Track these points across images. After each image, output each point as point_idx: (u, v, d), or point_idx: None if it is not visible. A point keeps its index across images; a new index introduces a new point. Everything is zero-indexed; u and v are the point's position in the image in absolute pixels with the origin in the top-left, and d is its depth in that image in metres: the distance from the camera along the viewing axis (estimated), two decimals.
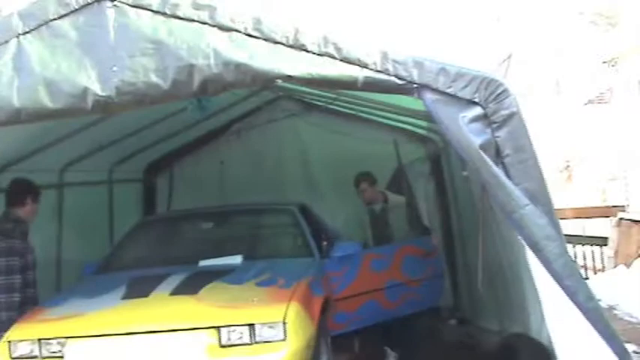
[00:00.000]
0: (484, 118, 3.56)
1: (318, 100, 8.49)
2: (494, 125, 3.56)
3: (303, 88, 7.44)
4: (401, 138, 9.02)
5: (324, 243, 6.67)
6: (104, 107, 3.92)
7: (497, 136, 3.56)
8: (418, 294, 7.19)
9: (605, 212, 12.80)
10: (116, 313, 4.99)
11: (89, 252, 7.20)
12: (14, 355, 4.85)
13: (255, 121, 9.29)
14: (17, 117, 3.89)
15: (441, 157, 8.65)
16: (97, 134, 6.74)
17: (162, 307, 5.03)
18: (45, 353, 4.82)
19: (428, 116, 6.63)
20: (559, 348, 4.02)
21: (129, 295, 5.26)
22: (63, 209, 7.11)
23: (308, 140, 9.30)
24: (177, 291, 5.22)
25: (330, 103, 8.25)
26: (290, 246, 6.51)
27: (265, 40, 3.87)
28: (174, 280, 5.41)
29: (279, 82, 3.97)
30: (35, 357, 4.83)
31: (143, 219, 7.97)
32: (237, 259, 6.00)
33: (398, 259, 7.20)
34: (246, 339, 4.74)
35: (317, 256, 6.28)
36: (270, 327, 4.75)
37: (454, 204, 8.17)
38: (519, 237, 3.83)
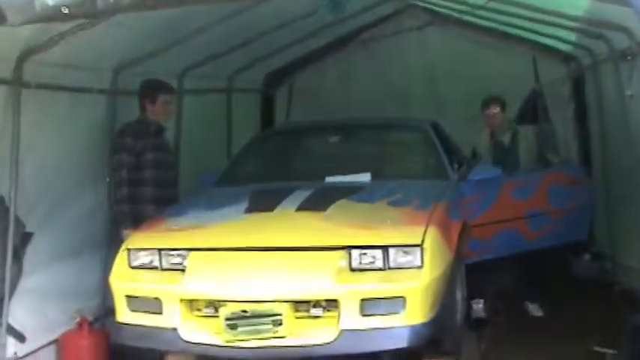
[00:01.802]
0: None
1: (451, 10, 7.82)
2: None
3: None
4: (540, 55, 8.30)
5: (459, 165, 6.12)
6: None
7: None
8: (562, 225, 6.58)
9: None
10: (240, 227, 4.65)
11: (206, 162, 6.98)
12: (133, 264, 4.59)
13: (383, 31, 8.66)
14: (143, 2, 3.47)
15: (584, 78, 7.89)
16: (218, 37, 6.35)
17: (288, 223, 4.66)
18: (165, 265, 4.54)
19: (584, 25, 5.96)
20: None
21: (252, 209, 4.91)
22: (182, 116, 6.81)
23: (437, 54, 8.63)
24: (303, 207, 4.83)
25: (463, 13, 7.54)
26: (423, 166, 5.98)
27: None
28: (300, 196, 5.02)
29: None
30: (155, 268, 4.56)
31: (265, 130, 7.60)
32: (366, 177, 5.57)
33: (544, 186, 6.57)
34: (379, 263, 4.29)
35: (452, 178, 5.75)
36: (406, 252, 4.29)
37: (599, 130, 7.41)
38: None
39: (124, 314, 4.53)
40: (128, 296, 4.51)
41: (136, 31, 5.16)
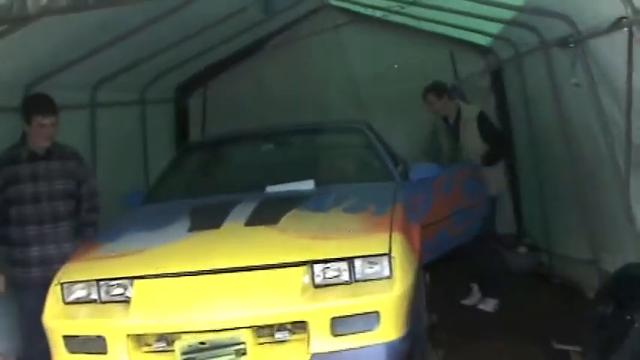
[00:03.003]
0: None
1: (367, 10, 7.60)
2: None
3: None
4: (458, 50, 8.25)
5: (398, 165, 5.87)
6: None
7: None
8: (474, 219, 6.48)
9: None
10: (187, 249, 4.20)
11: (125, 178, 6.59)
12: (68, 299, 4.08)
13: (297, 33, 8.39)
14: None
15: (503, 71, 7.84)
16: (131, 48, 5.93)
17: (240, 241, 4.25)
18: (105, 297, 4.05)
19: (522, 14, 5.82)
20: None
21: (197, 227, 4.46)
22: (96, 132, 6.29)
23: (355, 55, 8.41)
24: (253, 221, 4.43)
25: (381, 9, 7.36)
26: (367, 168, 5.70)
27: None
28: (246, 209, 4.61)
29: None
30: (94, 301, 4.06)
31: (192, 141, 7.15)
32: (309, 184, 5.21)
33: (458, 181, 6.46)
34: (345, 277, 3.96)
35: (398, 179, 5.48)
36: (372, 262, 3.97)
37: (524, 122, 7.34)
38: None
39: (62, 358, 4.00)
40: (66, 336, 3.98)
41: (49, 43, 4.70)
